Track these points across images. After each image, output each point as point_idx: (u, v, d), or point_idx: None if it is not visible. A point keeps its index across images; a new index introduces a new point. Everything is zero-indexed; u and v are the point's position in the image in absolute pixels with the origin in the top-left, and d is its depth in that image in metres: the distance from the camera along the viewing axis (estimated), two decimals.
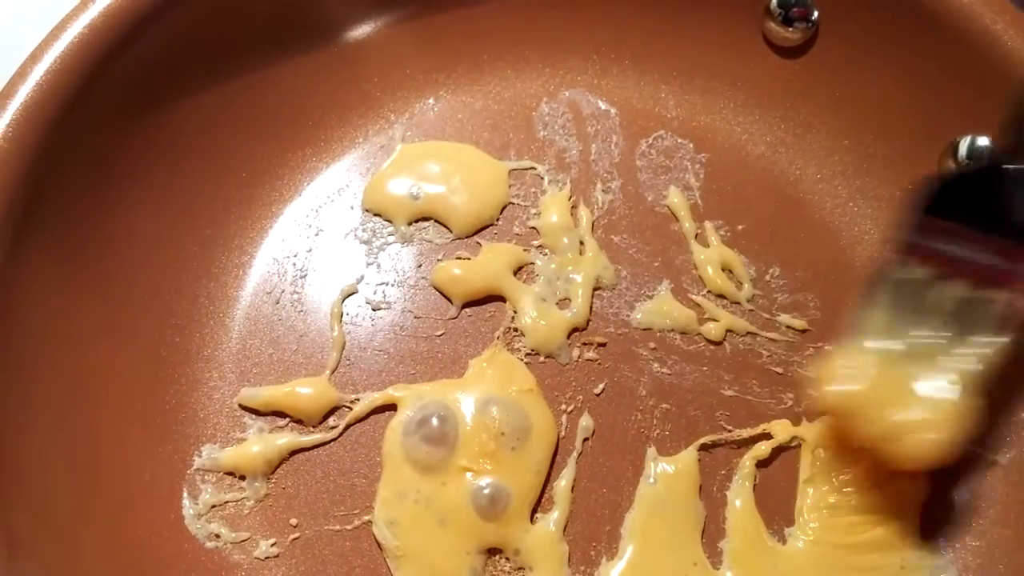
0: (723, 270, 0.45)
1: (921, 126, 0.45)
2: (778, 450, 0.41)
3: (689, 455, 0.41)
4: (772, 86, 0.49)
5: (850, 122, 0.47)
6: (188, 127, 0.44)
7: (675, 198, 0.47)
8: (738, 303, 0.45)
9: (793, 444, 0.42)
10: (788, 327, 0.44)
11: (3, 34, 0.41)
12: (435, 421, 0.40)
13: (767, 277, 0.45)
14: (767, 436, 0.42)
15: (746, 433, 0.42)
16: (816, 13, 0.47)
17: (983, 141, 0.43)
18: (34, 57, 0.39)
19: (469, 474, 0.39)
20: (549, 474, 0.40)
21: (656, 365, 0.43)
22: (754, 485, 0.40)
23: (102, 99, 0.40)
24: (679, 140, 0.49)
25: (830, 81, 0.47)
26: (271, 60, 0.46)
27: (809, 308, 0.45)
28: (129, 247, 0.42)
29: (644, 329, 0.44)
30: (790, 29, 0.47)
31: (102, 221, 0.41)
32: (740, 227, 0.46)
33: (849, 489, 0.39)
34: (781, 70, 0.48)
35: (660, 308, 0.44)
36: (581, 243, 0.46)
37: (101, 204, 0.41)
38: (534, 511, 0.40)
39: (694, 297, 0.45)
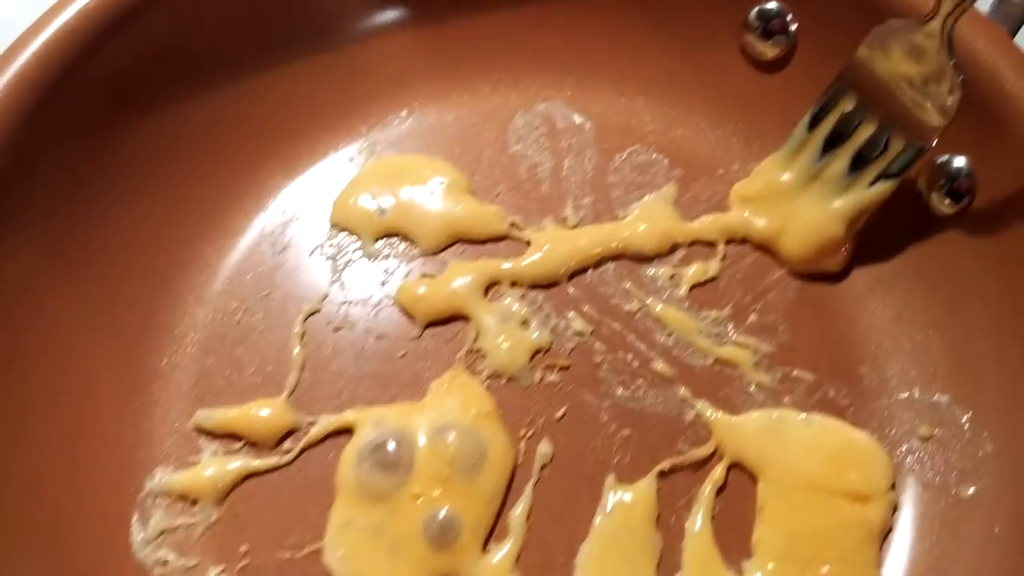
0: (692, 289, 0.44)
1: None
2: (737, 481, 0.40)
3: (648, 483, 0.40)
4: (749, 100, 0.48)
5: None
6: (155, 143, 0.44)
7: None
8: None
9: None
10: (756, 350, 0.43)
11: (7, 27, 0.41)
12: (390, 447, 0.39)
13: None
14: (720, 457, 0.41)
15: (701, 452, 0.41)
16: (795, 26, 0.46)
17: (959, 162, 0.42)
18: (21, 41, 0.39)
19: (421, 501, 0.38)
20: (504, 502, 0.40)
21: (620, 389, 0.42)
22: (713, 516, 0.39)
23: (80, 96, 0.41)
24: (654, 155, 0.48)
25: (808, 96, 0.45)
26: (239, 73, 0.46)
27: (778, 331, 0.43)
28: (109, 256, 0.42)
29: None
30: (768, 42, 0.46)
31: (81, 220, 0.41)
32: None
33: (805, 522, 0.39)
34: (759, 84, 0.47)
35: None
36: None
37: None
38: (487, 540, 0.39)
39: None
